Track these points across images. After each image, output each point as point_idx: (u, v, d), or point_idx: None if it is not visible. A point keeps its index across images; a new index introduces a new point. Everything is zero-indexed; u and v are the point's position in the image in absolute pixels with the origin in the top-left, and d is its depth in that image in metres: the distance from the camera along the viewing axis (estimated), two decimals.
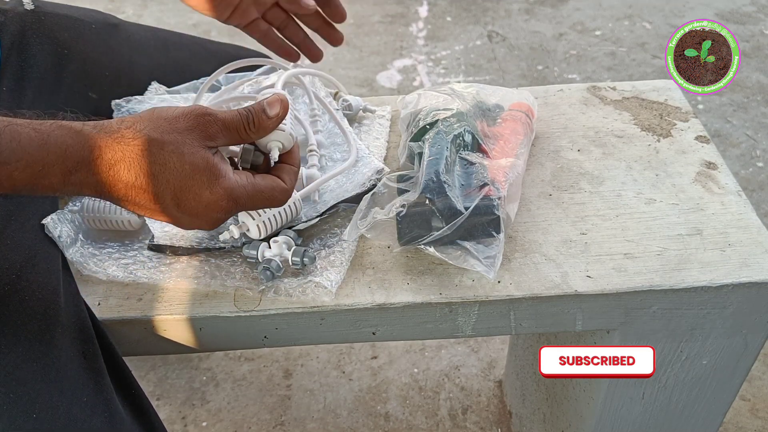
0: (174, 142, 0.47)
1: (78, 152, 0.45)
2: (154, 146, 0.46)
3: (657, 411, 0.72)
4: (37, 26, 0.69)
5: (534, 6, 2.53)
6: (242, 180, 0.51)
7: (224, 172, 0.49)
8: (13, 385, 0.48)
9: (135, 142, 0.46)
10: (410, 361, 1.30)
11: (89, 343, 0.55)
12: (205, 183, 0.48)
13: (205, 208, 0.49)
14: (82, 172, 0.45)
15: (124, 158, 0.46)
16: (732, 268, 0.59)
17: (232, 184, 0.50)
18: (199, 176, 0.48)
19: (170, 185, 0.47)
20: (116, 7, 2.57)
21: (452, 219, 0.57)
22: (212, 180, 0.48)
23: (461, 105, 0.69)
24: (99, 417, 0.53)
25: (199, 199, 0.48)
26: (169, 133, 0.47)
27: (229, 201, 0.50)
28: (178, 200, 0.48)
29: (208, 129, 0.49)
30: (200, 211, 0.49)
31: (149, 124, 0.47)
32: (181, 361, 1.32)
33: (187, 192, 0.48)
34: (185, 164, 0.47)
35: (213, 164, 0.49)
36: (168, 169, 0.47)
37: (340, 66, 2.22)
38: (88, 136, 0.45)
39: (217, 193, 0.49)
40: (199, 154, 0.48)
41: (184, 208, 0.49)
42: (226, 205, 0.50)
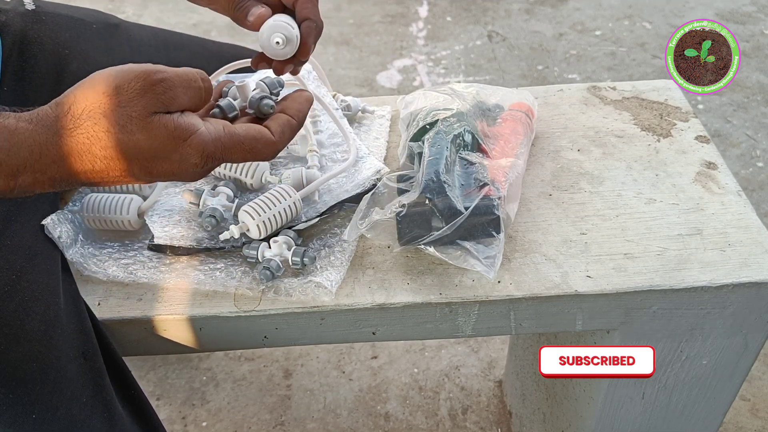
0: (120, 121, 0.42)
1: (17, 154, 0.41)
2: (101, 132, 0.42)
3: (657, 411, 0.72)
4: (38, 26, 0.69)
5: (534, 6, 2.53)
6: (216, 131, 0.45)
7: (191, 129, 0.44)
8: (12, 386, 0.48)
9: (78, 132, 0.42)
10: (410, 361, 1.30)
11: (89, 343, 0.55)
12: (170, 149, 0.43)
13: (179, 167, 0.44)
14: (28, 174, 0.42)
15: (71, 152, 0.42)
16: (732, 268, 0.59)
17: (203, 139, 0.44)
18: (160, 145, 0.43)
19: (133, 160, 0.43)
20: (116, 7, 2.57)
21: (452, 219, 0.57)
22: (178, 143, 0.43)
23: (461, 105, 0.69)
24: (98, 417, 0.53)
25: (169, 162, 0.44)
26: (112, 111, 0.42)
27: (202, 157, 0.45)
28: (147, 169, 0.44)
29: (163, 91, 0.43)
30: (175, 171, 0.45)
31: (88, 105, 0.42)
32: (181, 361, 1.32)
33: (154, 161, 0.43)
34: (140, 142, 0.42)
35: (174, 127, 0.43)
36: (124, 146, 0.42)
37: (340, 66, 2.22)
38: (24, 135, 0.41)
39: (186, 153, 0.44)
40: (153, 124, 0.42)
41: (157, 173, 0.44)
42: (199, 161, 0.45)
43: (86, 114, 0.42)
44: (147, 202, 0.65)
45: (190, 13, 2.53)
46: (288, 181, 0.66)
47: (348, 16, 2.52)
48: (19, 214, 0.57)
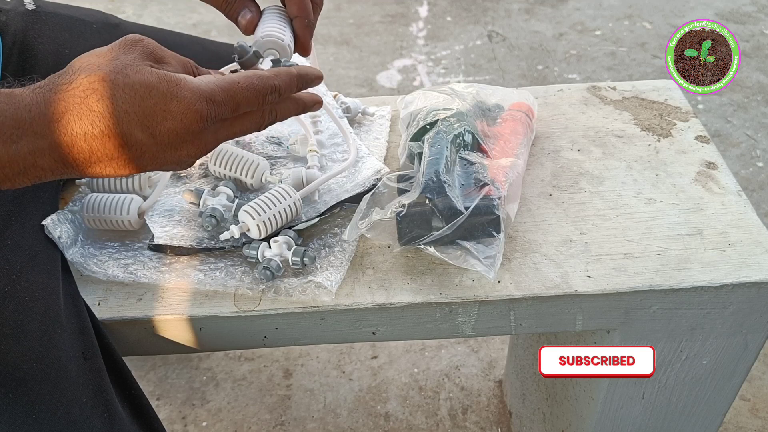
0: (114, 69, 0.41)
1: (14, 115, 0.39)
2: (95, 82, 0.41)
3: (657, 411, 0.72)
4: (39, 26, 0.69)
5: (534, 6, 2.53)
6: (208, 78, 0.44)
7: (182, 77, 0.43)
8: (12, 385, 0.48)
9: (73, 86, 0.41)
10: (410, 361, 1.30)
11: (89, 343, 0.55)
12: (167, 95, 0.42)
13: (183, 125, 0.42)
14: (28, 138, 0.40)
15: (68, 108, 0.40)
16: (732, 268, 0.59)
17: (197, 83, 0.43)
18: (156, 92, 0.41)
19: (132, 116, 0.41)
20: (116, 7, 2.57)
21: (452, 219, 0.57)
22: (173, 89, 0.42)
23: (461, 105, 0.69)
24: (99, 418, 0.53)
25: (171, 117, 0.42)
26: (104, 64, 0.42)
27: (204, 101, 0.43)
28: (150, 129, 0.42)
29: (152, 50, 0.43)
30: (180, 132, 0.42)
31: (81, 65, 0.42)
32: (181, 361, 1.32)
33: (153, 115, 0.41)
34: (135, 86, 0.41)
35: (165, 75, 0.42)
36: (120, 99, 0.41)
37: (340, 66, 2.23)
38: (20, 96, 0.40)
39: (186, 99, 0.42)
40: (146, 71, 0.42)
41: (162, 136, 0.42)
42: (202, 107, 0.43)
43: (80, 70, 0.41)
44: (147, 202, 0.65)
45: (190, 13, 2.53)
46: (288, 181, 0.66)
47: (348, 16, 2.52)
48: (20, 215, 0.57)
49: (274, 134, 0.75)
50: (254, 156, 0.68)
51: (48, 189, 0.64)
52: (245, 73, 0.47)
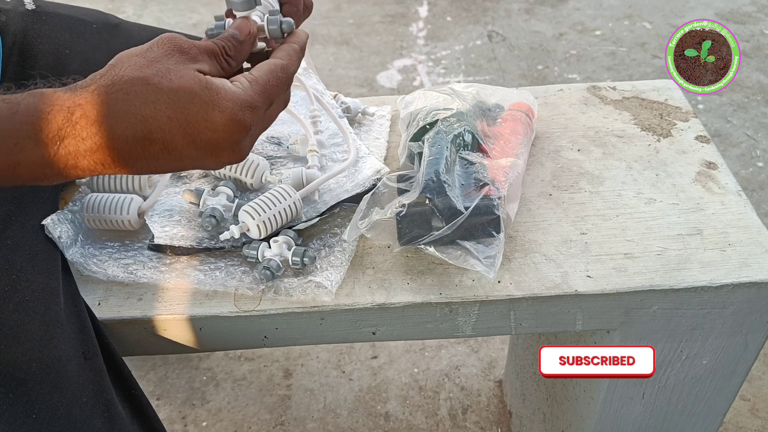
0: (157, 73, 0.41)
1: (56, 117, 0.39)
2: (138, 85, 0.40)
3: (657, 411, 0.72)
4: (39, 26, 0.69)
5: (534, 6, 2.53)
6: (244, 83, 0.44)
7: (221, 85, 0.43)
8: (12, 385, 0.48)
9: (117, 88, 0.40)
10: (410, 361, 1.30)
11: (89, 343, 0.55)
12: (209, 104, 0.41)
13: (224, 135, 0.42)
14: (69, 140, 0.39)
15: (111, 111, 0.40)
16: (732, 268, 0.59)
17: (237, 92, 0.43)
18: (199, 100, 0.41)
19: (174, 123, 0.41)
20: (116, 7, 2.57)
21: (452, 219, 0.57)
22: (214, 99, 0.42)
23: (461, 105, 0.69)
24: (99, 418, 0.53)
25: (213, 128, 0.42)
26: (147, 66, 0.41)
27: (245, 110, 0.43)
28: (191, 137, 0.41)
29: (189, 51, 0.43)
30: (221, 142, 0.42)
31: (122, 65, 0.41)
32: (181, 361, 1.32)
33: (195, 123, 0.41)
34: (179, 92, 0.41)
35: (207, 82, 0.42)
36: (163, 104, 0.40)
37: (340, 66, 2.23)
38: (62, 98, 0.40)
39: (228, 110, 0.42)
40: (189, 76, 0.42)
41: (203, 144, 0.42)
42: (245, 117, 0.43)
43: (123, 71, 0.41)
44: (147, 202, 0.65)
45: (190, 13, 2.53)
46: (288, 181, 0.66)
47: (348, 16, 2.52)
48: (20, 214, 0.57)
49: (274, 134, 0.75)
50: (254, 156, 0.68)
51: (48, 189, 0.64)
52: (271, 69, 0.47)
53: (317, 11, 2.53)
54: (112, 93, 0.40)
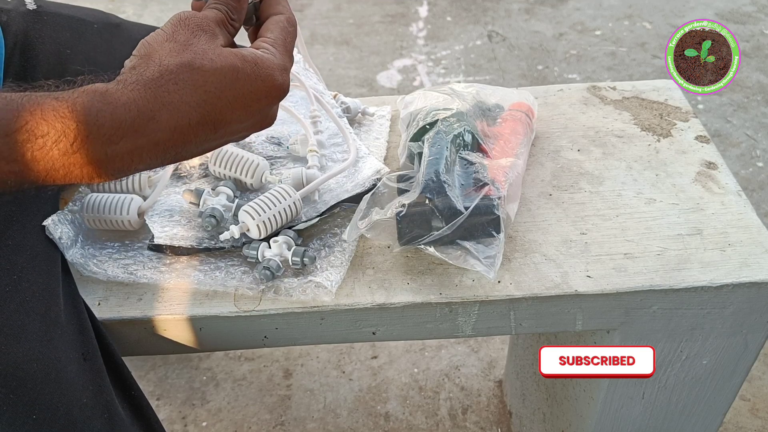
0: (197, 56, 0.41)
1: (113, 115, 0.39)
2: (185, 72, 0.41)
3: (657, 411, 0.72)
4: (40, 26, 0.69)
5: (534, 6, 2.53)
6: (270, 49, 0.45)
7: (258, 55, 0.44)
8: (13, 385, 0.48)
9: (165, 80, 0.40)
10: (410, 361, 1.30)
11: (89, 344, 0.55)
12: (252, 77, 0.43)
13: (270, 101, 0.44)
14: (128, 138, 0.39)
15: (164, 103, 0.40)
16: (732, 268, 0.59)
17: (272, 59, 0.45)
18: (243, 74, 0.42)
19: (224, 101, 0.42)
20: (116, 7, 2.57)
21: (452, 219, 0.57)
22: (256, 70, 0.43)
23: (461, 105, 0.69)
24: (99, 419, 0.53)
25: (259, 97, 0.43)
26: (184, 50, 0.42)
27: (283, 73, 0.45)
28: (241, 110, 0.43)
29: (209, 28, 0.44)
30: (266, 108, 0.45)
31: (158, 54, 0.42)
32: (181, 361, 1.32)
33: (243, 97, 0.43)
34: (224, 71, 0.42)
35: (245, 55, 0.43)
36: (211, 85, 0.41)
37: (340, 66, 2.23)
38: (115, 94, 0.39)
39: (270, 78, 0.44)
40: (225, 53, 0.43)
41: (251, 114, 0.44)
42: (285, 80, 0.45)
43: (161, 59, 0.41)
44: (147, 202, 0.65)
45: None
46: (288, 181, 0.66)
47: (348, 16, 2.52)
48: (21, 215, 0.57)
49: (274, 134, 0.75)
50: (254, 156, 0.68)
51: (49, 189, 0.64)
52: (281, 26, 0.48)
53: (317, 11, 2.54)
54: (163, 85, 0.40)
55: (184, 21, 0.44)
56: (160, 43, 0.42)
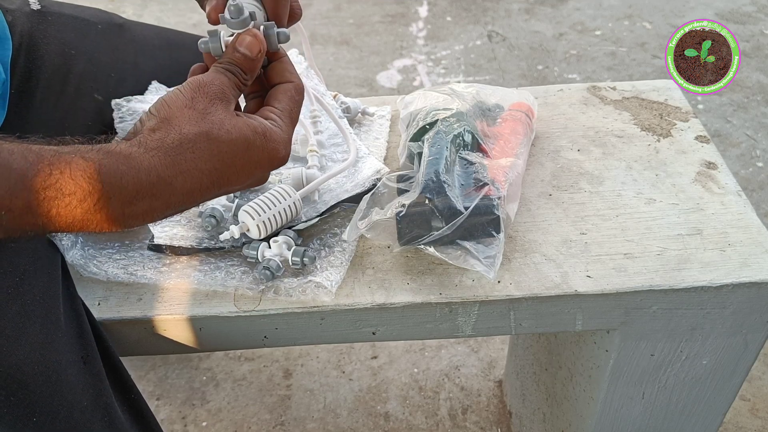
0: (214, 126, 0.44)
1: (135, 178, 0.41)
2: (202, 141, 0.44)
3: (657, 411, 0.72)
4: (44, 26, 0.69)
5: (534, 6, 2.53)
6: (278, 121, 0.49)
7: (265, 126, 0.47)
8: (13, 388, 0.48)
9: (184, 148, 0.43)
10: (410, 361, 1.30)
11: (88, 347, 0.54)
12: (261, 149, 0.46)
13: (270, 168, 0.48)
14: (146, 200, 0.42)
15: (181, 170, 0.43)
16: (732, 268, 0.59)
17: (280, 133, 0.48)
18: (253, 146, 0.46)
19: (233, 169, 0.45)
20: (116, 7, 2.57)
21: (452, 219, 0.57)
22: (265, 143, 0.46)
23: (461, 105, 0.69)
24: (99, 422, 0.53)
25: (262, 166, 0.47)
26: (202, 119, 0.44)
27: (287, 146, 0.49)
28: (245, 175, 0.47)
29: (226, 95, 0.47)
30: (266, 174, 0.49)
31: (178, 121, 0.44)
32: (181, 361, 1.32)
33: (250, 165, 0.46)
34: (237, 143, 0.45)
35: (256, 127, 0.46)
36: (224, 155, 0.44)
37: (340, 66, 2.23)
38: (138, 159, 0.42)
39: (276, 151, 0.47)
40: (240, 125, 0.45)
41: (252, 178, 0.48)
42: (287, 152, 0.49)
43: (179, 125, 0.44)
44: None
45: (191, 13, 2.53)
46: (288, 181, 0.66)
47: (348, 16, 2.52)
48: None
49: None
50: None
51: None
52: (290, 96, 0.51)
53: (317, 11, 2.54)
54: (182, 153, 0.43)
55: (203, 89, 0.46)
56: (179, 108, 0.45)
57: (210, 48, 0.50)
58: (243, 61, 0.48)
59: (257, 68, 0.50)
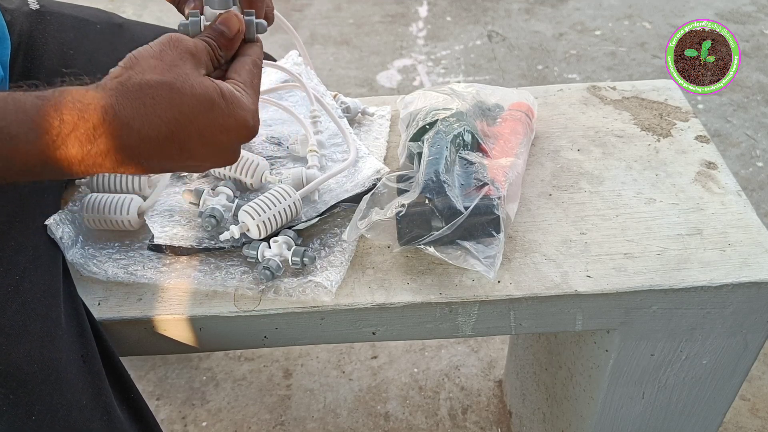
0: (179, 78, 0.43)
1: (92, 116, 0.41)
2: (164, 89, 0.42)
3: (657, 411, 0.72)
4: (43, 26, 0.69)
5: (534, 6, 2.53)
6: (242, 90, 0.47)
7: (233, 92, 0.45)
8: (13, 386, 0.48)
9: (143, 93, 0.42)
10: (410, 361, 1.30)
11: (88, 346, 0.55)
12: (226, 112, 0.44)
13: (236, 138, 0.46)
14: (102, 139, 0.41)
15: (139, 113, 0.42)
16: (732, 268, 0.59)
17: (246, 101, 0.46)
18: (217, 107, 0.44)
19: (193, 126, 0.43)
20: (116, 7, 2.57)
21: (452, 219, 0.57)
22: (230, 107, 0.45)
23: (461, 105, 0.69)
24: (98, 420, 0.53)
25: (227, 131, 0.45)
26: (167, 70, 0.43)
27: (254, 116, 0.47)
28: (206, 140, 0.44)
29: (197, 55, 0.46)
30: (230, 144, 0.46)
31: (141, 68, 0.43)
32: (181, 361, 1.32)
33: (212, 128, 0.44)
34: (200, 98, 0.43)
35: (223, 91, 0.45)
36: (186, 108, 0.43)
37: (340, 66, 2.23)
38: (97, 97, 0.41)
39: (241, 118, 0.45)
40: (206, 84, 0.44)
41: (214, 146, 0.45)
42: (255, 122, 0.47)
43: (144, 73, 0.43)
44: (147, 202, 0.65)
45: None
46: (288, 181, 0.66)
47: (348, 16, 2.52)
48: (23, 215, 0.57)
49: (274, 134, 0.75)
50: (254, 156, 0.68)
51: (51, 190, 0.64)
52: (249, 69, 0.49)
53: (317, 11, 2.54)
54: (140, 97, 0.42)
55: (174, 43, 0.45)
56: (146, 58, 0.44)
57: (189, 30, 0.50)
58: (220, 37, 0.48)
59: (233, 48, 0.49)
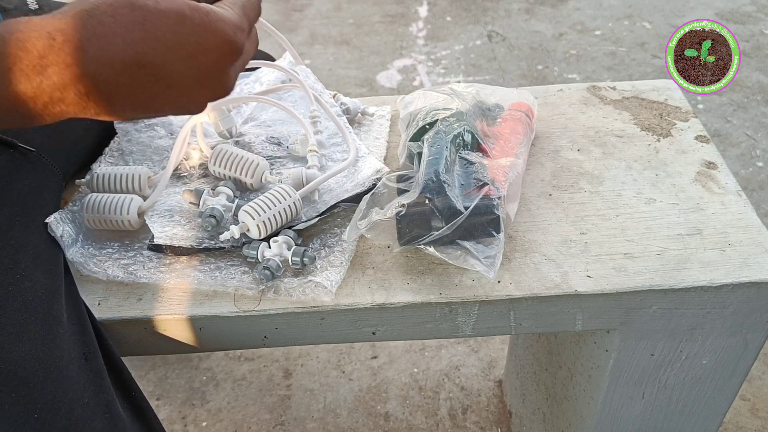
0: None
1: (37, 44, 0.36)
2: (124, 8, 0.37)
3: (657, 411, 0.72)
4: None
5: (534, 6, 2.53)
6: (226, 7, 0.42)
7: (210, 7, 0.41)
8: (15, 385, 0.48)
9: (100, 12, 0.37)
10: (410, 361, 1.30)
11: (89, 344, 0.55)
12: (201, 26, 0.39)
13: (216, 58, 0.40)
14: (53, 68, 0.36)
15: (97, 33, 0.37)
16: (732, 268, 0.59)
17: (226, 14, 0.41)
18: (190, 21, 0.39)
19: (165, 45, 0.38)
20: None
21: (452, 219, 0.57)
22: (206, 20, 0.39)
23: (461, 105, 0.69)
24: (100, 419, 0.53)
25: (205, 51, 0.39)
26: None
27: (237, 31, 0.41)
28: (183, 61, 0.39)
29: None
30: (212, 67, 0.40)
31: None
32: (181, 361, 1.32)
33: (187, 46, 0.39)
34: (168, 13, 0.38)
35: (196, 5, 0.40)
36: (152, 25, 0.38)
37: (340, 66, 2.23)
38: (42, 23, 0.37)
39: (221, 31, 0.40)
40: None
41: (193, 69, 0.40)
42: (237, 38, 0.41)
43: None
44: (147, 202, 0.65)
45: None
46: (288, 181, 0.66)
47: (348, 16, 2.52)
48: (24, 214, 0.57)
49: (274, 134, 0.75)
50: (254, 156, 0.68)
51: (51, 190, 0.64)
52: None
53: (317, 11, 2.54)
54: (96, 16, 0.37)
55: None
56: None
57: None
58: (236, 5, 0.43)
59: None
